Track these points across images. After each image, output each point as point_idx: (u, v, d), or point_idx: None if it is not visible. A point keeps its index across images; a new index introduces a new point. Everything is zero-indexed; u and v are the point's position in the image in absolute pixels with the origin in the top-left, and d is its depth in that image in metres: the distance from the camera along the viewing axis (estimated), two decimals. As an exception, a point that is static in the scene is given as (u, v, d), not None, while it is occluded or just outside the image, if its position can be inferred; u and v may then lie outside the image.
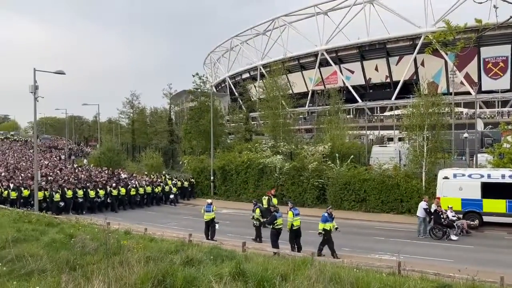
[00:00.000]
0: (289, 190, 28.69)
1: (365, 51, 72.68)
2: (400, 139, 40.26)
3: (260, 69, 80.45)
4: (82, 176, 35.03)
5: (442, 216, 18.33)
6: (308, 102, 74.63)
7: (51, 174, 36.26)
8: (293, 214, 15.41)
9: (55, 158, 55.23)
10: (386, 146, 37.17)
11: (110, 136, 56.82)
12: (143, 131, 58.77)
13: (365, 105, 66.38)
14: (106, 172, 38.37)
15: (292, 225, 15.23)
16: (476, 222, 19.77)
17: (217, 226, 18.04)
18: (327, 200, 27.03)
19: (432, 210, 18.44)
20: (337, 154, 27.98)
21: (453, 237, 18.01)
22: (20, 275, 8.21)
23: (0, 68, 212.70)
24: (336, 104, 41.71)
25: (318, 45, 75.21)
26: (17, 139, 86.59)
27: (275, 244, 14.86)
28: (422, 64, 66.36)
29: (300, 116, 63.15)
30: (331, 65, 75.21)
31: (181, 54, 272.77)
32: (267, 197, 21.84)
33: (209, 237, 17.47)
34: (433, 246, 17.14)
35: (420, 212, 18.81)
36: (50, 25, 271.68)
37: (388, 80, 72.14)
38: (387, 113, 68.32)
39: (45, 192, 25.91)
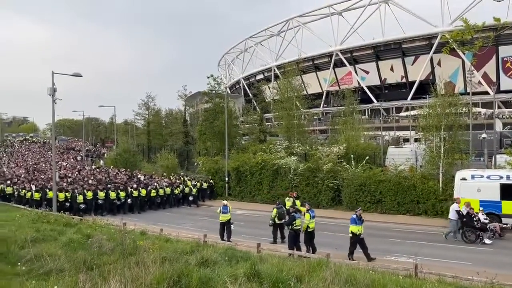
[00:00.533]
0: (303, 192, 28.56)
1: (380, 51, 72.02)
2: (416, 140, 39.78)
3: (274, 70, 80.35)
4: (101, 177, 35.16)
5: (474, 219, 17.74)
6: (322, 103, 74.19)
7: (70, 175, 36.66)
8: (310, 216, 15.36)
9: (72, 160, 56.08)
10: (402, 147, 36.75)
11: (126, 138, 57.42)
12: (158, 133, 59.24)
13: (381, 105, 65.63)
14: (124, 173, 38.52)
15: (308, 227, 15.18)
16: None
17: (232, 226, 18.06)
18: (342, 202, 26.91)
19: (464, 212, 17.81)
20: (352, 155, 27.78)
21: (487, 241, 17.32)
22: (39, 274, 8.36)
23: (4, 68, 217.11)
24: (351, 105, 41.40)
25: (332, 46, 74.81)
26: (36, 140, 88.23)
27: (292, 246, 14.76)
28: (439, 63, 65.45)
29: (315, 117, 62.87)
30: (345, 65, 74.74)
31: (192, 55, 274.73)
32: (291, 199, 21.29)
33: (225, 238, 17.50)
34: (451, 248, 16.88)
35: (452, 215, 18.24)
36: (52, 25, 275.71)
37: (404, 80, 71.32)
38: (402, 114, 67.55)
39: (66, 193, 25.98)
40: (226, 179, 33.48)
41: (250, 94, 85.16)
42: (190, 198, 30.84)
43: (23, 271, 8.61)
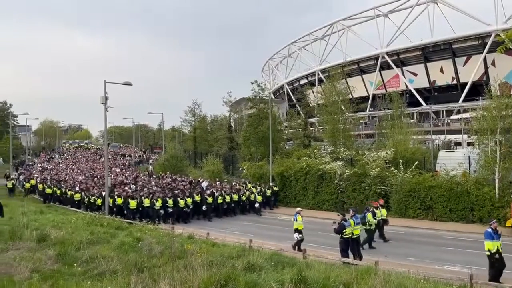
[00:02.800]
0: (350, 197, 28.08)
1: (429, 53, 69.56)
2: (469, 144, 38.07)
3: (319, 74, 79.66)
4: (159, 183, 34.56)
5: None
6: (368, 106, 72.64)
7: (128, 182, 36.70)
8: (354, 222, 15.04)
9: (121, 166, 58.15)
10: (453, 151, 35.30)
11: (173, 144, 59.00)
12: (204, 138, 60.42)
13: (430, 108, 63.31)
14: (181, 179, 37.44)
15: (352, 233, 14.83)
16: None
17: (295, 236, 16.96)
18: (391, 208, 26.14)
19: None
20: (400, 160, 26.98)
21: None
22: (93, 275, 8.73)
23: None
24: (399, 108, 40.29)
25: (378, 48, 73.17)
26: (89, 147, 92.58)
27: (344, 254, 14.40)
28: (493, 64, 62.21)
29: (361, 121, 61.70)
30: (392, 68, 72.86)
31: (236, 61, 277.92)
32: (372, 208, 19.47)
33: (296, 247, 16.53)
34: (510, 258, 15.91)
35: None
36: (104, 36, 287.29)
37: (455, 81, 68.40)
38: (454, 117, 64.89)
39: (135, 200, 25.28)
40: (271, 184, 33.47)
41: (294, 99, 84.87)
42: (256, 205, 29.39)
43: (79, 272, 9.04)
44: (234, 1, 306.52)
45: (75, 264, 9.54)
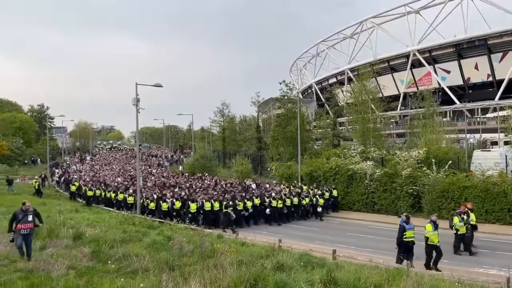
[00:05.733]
0: (380, 198, 27.60)
1: (462, 49, 67.50)
2: (506, 143, 36.73)
3: (348, 73, 78.75)
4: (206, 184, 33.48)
5: None
6: (399, 105, 71.27)
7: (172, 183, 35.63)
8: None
9: (156, 167, 58.90)
10: (489, 150, 34.13)
11: (203, 144, 59.64)
12: (233, 139, 60.86)
13: (464, 106, 61.50)
14: (223, 180, 35.95)
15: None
16: None
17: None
18: (423, 209, 25.57)
19: None
20: (433, 160, 26.32)
21: None
22: (126, 272, 8.96)
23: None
24: (431, 107, 39.32)
25: (409, 46, 71.65)
26: (121, 148, 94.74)
27: (399, 261, 13.78)
28: (531, 59, 59.89)
29: (391, 120, 60.59)
30: (424, 65, 71.19)
31: (264, 62, 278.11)
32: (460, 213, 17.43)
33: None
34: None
35: None
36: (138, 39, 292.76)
37: (491, 79, 66.17)
38: (489, 115, 62.77)
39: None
40: (299, 184, 33.31)
41: (322, 99, 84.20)
42: (319, 209, 26.70)
43: (112, 269, 9.30)
44: (262, 3, 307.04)
45: (109, 262, 9.81)
